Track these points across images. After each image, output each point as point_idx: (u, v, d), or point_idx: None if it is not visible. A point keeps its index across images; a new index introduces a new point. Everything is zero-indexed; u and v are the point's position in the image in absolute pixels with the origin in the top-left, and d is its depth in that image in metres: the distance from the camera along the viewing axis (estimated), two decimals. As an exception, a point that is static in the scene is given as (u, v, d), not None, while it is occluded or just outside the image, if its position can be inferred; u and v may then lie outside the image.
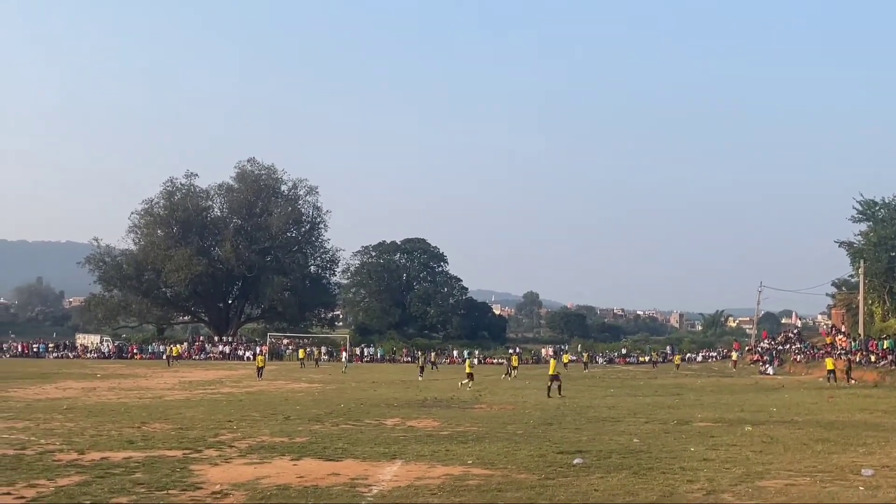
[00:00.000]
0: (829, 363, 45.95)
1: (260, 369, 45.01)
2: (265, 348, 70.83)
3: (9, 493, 11.61)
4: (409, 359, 68.37)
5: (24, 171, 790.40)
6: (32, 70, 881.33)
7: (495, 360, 77.59)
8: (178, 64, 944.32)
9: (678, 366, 63.30)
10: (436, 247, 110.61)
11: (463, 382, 38.80)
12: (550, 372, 33.70)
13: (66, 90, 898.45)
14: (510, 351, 78.72)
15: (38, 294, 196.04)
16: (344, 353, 61.43)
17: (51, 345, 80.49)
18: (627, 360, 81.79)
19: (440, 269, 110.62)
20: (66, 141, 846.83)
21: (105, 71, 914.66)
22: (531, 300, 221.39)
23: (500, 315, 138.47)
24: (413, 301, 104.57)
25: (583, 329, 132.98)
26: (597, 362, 79.66)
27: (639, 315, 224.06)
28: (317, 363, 60.74)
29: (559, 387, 33.03)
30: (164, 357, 66.45)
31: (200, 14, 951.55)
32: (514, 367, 53.58)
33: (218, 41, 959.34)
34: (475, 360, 52.15)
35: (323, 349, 75.80)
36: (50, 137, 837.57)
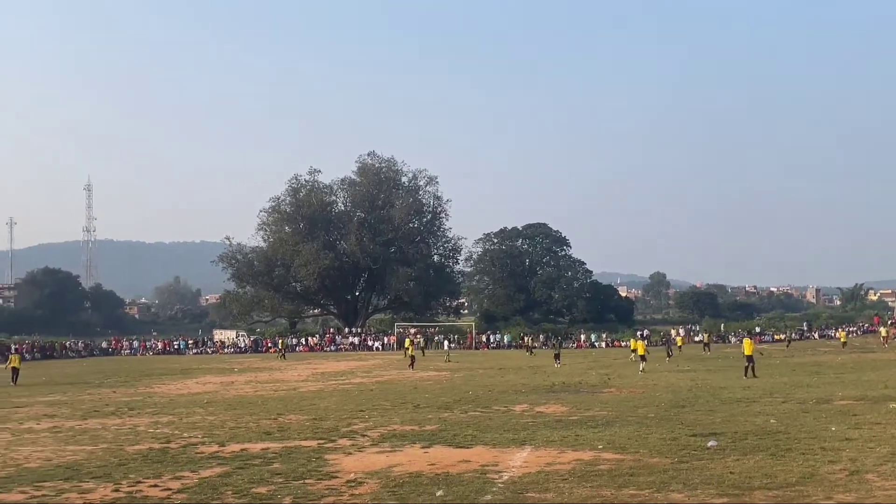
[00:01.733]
0: None
1: (412, 358, 44.22)
2: (419, 336, 71.62)
3: (156, 486, 12.17)
4: (536, 346, 67.81)
5: (160, 175, 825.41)
6: (174, 75, 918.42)
7: (623, 343, 76.49)
8: (299, 63, 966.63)
9: (844, 343, 60.52)
10: (558, 231, 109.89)
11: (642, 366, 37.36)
12: (746, 353, 32.30)
13: (203, 95, 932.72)
14: (638, 333, 77.50)
15: (177, 293, 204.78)
16: (446, 342, 61.37)
17: (190, 341, 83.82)
18: (762, 338, 79.24)
19: (563, 252, 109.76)
20: (196, 145, 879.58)
21: (235, 75, 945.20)
22: (658, 281, 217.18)
23: (626, 297, 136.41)
24: (537, 286, 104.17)
25: (714, 308, 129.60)
26: (729, 342, 77.56)
27: (772, 292, 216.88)
28: (423, 352, 60.50)
29: (752, 368, 31.53)
30: (277, 350, 67.84)
31: (317, 15, 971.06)
32: (679, 347, 54.26)
33: (336, 38, 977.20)
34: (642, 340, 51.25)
35: (421, 338, 76.29)
36: (181, 142, 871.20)
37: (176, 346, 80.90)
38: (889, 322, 78.60)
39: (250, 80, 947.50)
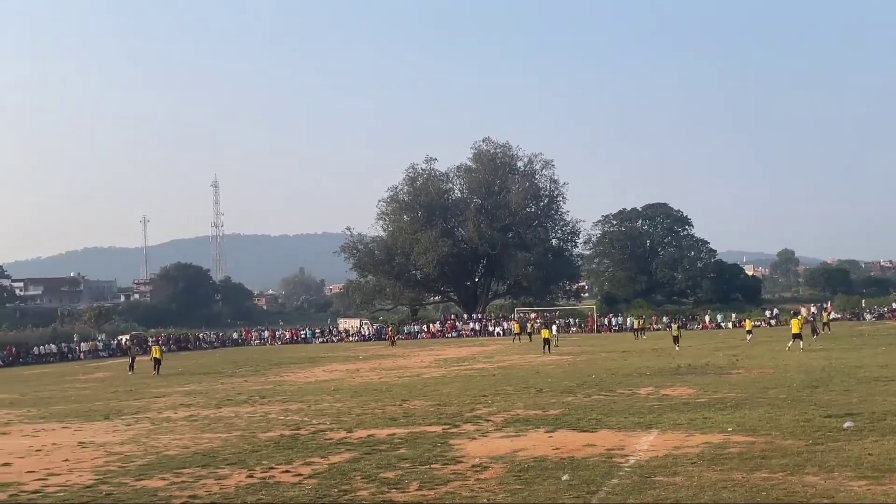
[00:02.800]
0: None
1: (546, 341, 44.41)
2: (538, 320, 71.65)
3: (288, 471, 12.54)
4: (646, 328, 66.08)
5: (282, 171, 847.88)
6: (292, 72, 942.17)
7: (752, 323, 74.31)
8: (408, 59, 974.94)
9: None
10: (679, 210, 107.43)
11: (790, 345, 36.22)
12: (794, 331, 31.98)
13: (306, 90, 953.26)
14: (766, 313, 75.22)
15: (302, 283, 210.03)
16: (554, 327, 60.62)
17: (316, 330, 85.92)
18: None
19: (685, 232, 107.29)
20: (313, 138, 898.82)
21: (350, 70, 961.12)
22: (786, 258, 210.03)
23: (752, 276, 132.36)
24: (659, 267, 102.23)
25: (846, 284, 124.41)
26: (864, 318, 74.39)
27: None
28: (530, 337, 59.77)
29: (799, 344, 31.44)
30: (386, 337, 68.78)
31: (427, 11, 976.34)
32: (825, 324, 52.12)
33: (452, 30, 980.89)
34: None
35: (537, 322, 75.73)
36: (297, 136, 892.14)
37: (303, 336, 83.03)
38: None
39: (365, 74, 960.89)
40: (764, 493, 9.36)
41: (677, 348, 40.94)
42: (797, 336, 36.14)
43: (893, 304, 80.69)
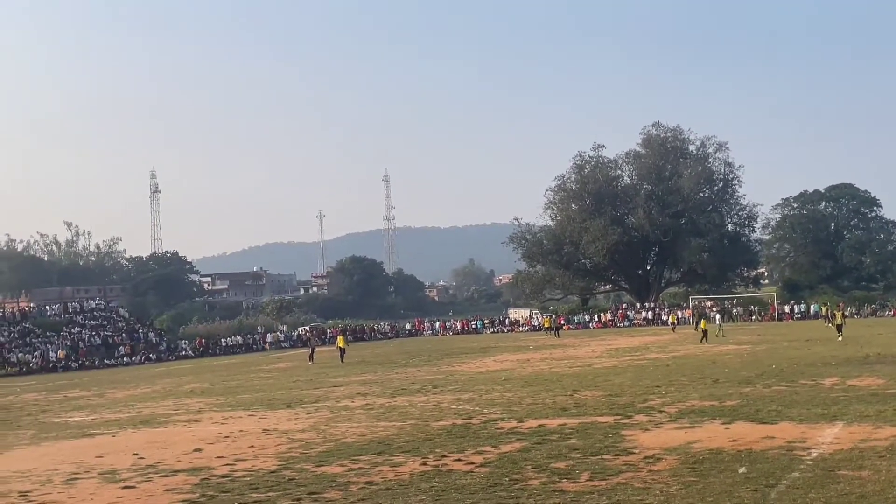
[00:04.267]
0: None
1: (704, 332, 43.46)
2: (688, 311, 70.02)
3: (460, 459, 12.75)
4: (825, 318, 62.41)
5: (450, 163, 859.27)
6: (452, 64, 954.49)
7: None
8: (575, 44, 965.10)
9: None
10: (866, 191, 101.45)
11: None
12: None
13: (483, 83, 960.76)
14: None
15: (472, 274, 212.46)
16: (717, 315, 57.98)
17: (486, 320, 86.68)
18: None
19: (874, 214, 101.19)
20: (481, 132, 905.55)
21: (514, 57, 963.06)
22: None
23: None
24: (845, 252, 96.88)
25: None
26: None
27: None
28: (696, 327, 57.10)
29: None
30: (550, 329, 68.07)
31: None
32: None
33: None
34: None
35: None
36: (464, 131, 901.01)
37: (473, 326, 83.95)
38: None
39: (529, 62, 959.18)
40: (963, 491, 8.77)
41: (840, 338, 38.33)
42: None
43: None
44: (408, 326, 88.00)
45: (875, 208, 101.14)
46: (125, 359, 60.58)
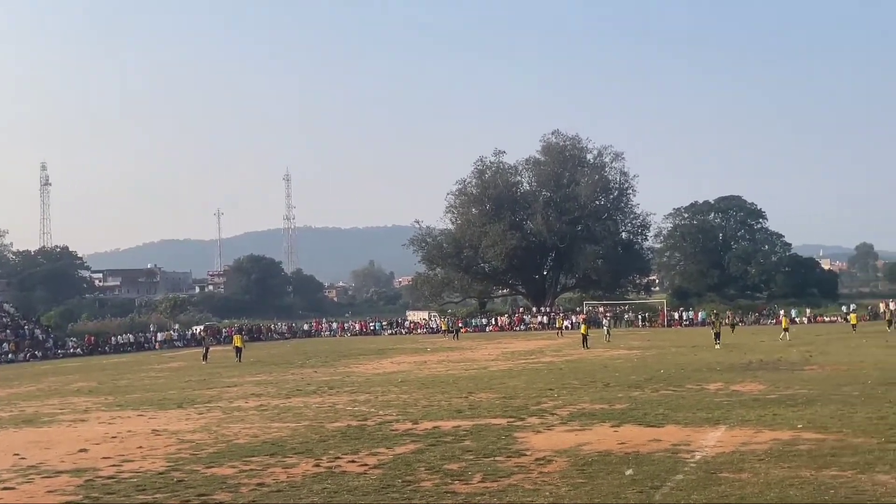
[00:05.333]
0: None
1: (584, 337, 44.64)
2: (582, 317, 71.30)
3: (354, 461, 12.72)
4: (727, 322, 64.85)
5: (354, 164, 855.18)
6: (363, 68, 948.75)
7: (826, 318, 72.78)
8: (483, 53, 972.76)
9: None
10: (753, 203, 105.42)
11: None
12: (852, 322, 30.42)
13: (376, 85, 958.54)
14: (843, 309, 73.44)
15: (372, 276, 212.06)
16: (605, 321, 59.59)
17: (385, 322, 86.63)
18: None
19: (759, 226, 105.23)
20: (384, 134, 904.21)
21: (418, 65, 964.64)
22: (865, 252, 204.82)
23: (829, 270, 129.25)
24: (732, 261, 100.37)
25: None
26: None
27: None
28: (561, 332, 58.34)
29: None
30: (448, 332, 68.97)
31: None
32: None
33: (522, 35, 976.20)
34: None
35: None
36: (369, 132, 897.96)
37: (372, 328, 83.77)
38: None
39: (434, 65, 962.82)
40: (832, 492, 9.21)
41: (717, 345, 39.05)
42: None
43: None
44: (305, 327, 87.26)
45: (761, 220, 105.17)
46: (9, 356, 58.20)
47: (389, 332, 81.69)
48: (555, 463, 11.86)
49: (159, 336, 73.45)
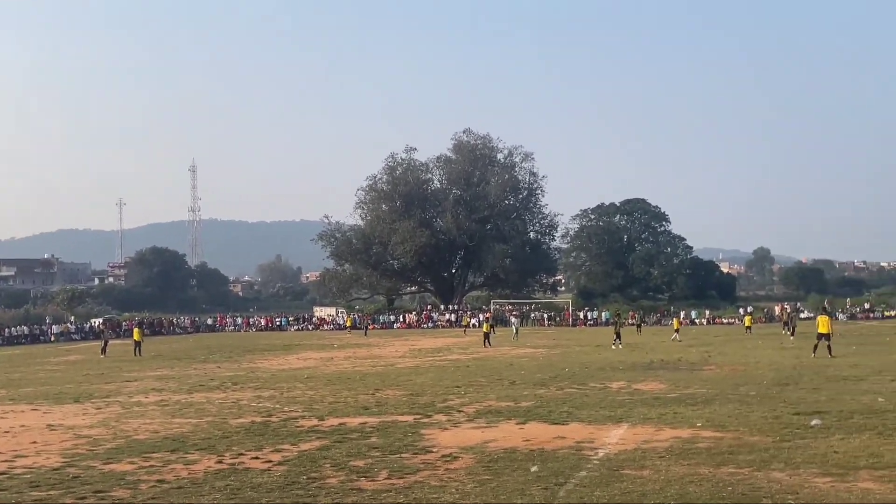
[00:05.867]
0: None
1: (486, 335, 45.27)
2: (489, 315, 71.90)
3: (258, 458, 12.51)
4: (632, 322, 66.56)
5: (258, 156, 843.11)
6: (271, 57, 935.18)
7: (725, 320, 75.04)
8: (392, 46, 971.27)
9: None
10: (657, 206, 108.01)
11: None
12: (821, 330, 30.62)
13: (287, 77, 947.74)
14: (740, 310, 75.79)
15: (278, 271, 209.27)
16: (513, 319, 60.49)
17: (291, 318, 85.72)
18: (871, 314, 76.59)
19: (662, 228, 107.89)
20: (293, 125, 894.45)
21: (329, 55, 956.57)
22: (762, 256, 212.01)
23: (728, 273, 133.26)
24: (635, 263, 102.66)
25: (820, 284, 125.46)
26: (836, 318, 75.08)
27: (883, 267, 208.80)
28: (493, 330, 58.40)
29: (828, 347, 29.77)
30: (356, 328, 69.24)
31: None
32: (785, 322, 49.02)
33: (433, 12, 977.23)
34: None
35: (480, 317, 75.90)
36: (277, 122, 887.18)
37: (278, 323, 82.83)
38: None
39: (343, 60, 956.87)
40: (730, 488, 9.44)
41: (615, 346, 39.27)
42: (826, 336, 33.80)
43: (866, 305, 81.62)
44: (209, 321, 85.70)
45: (664, 223, 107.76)
46: None
47: (296, 327, 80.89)
48: (461, 460, 11.89)
49: (55, 328, 71.22)
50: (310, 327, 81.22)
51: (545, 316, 79.21)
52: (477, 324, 68.49)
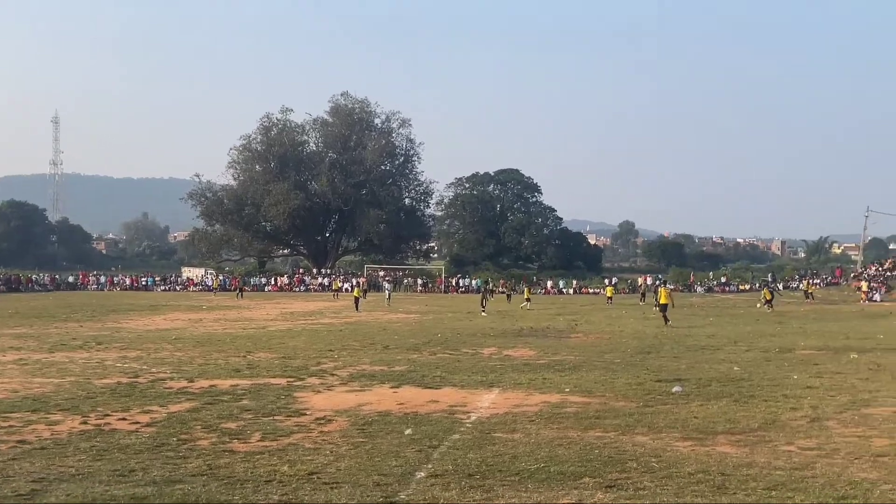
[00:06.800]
0: None
1: (357, 300, 45.38)
2: (363, 280, 71.91)
3: (124, 419, 12.17)
4: (503, 290, 67.93)
5: (127, 110, 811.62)
6: (144, 7, 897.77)
7: (591, 290, 77.29)
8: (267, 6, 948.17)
9: (811, 294, 60.27)
10: (529, 177, 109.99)
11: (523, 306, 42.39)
12: (661, 301, 33.16)
13: (160, 26, 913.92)
14: (605, 281, 78.20)
15: (144, 229, 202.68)
16: (386, 285, 61.02)
17: (157, 278, 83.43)
18: (727, 288, 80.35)
19: (534, 199, 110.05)
20: (166, 79, 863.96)
21: (198, 5, 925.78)
22: (627, 230, 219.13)
23: (595, 245, 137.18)
24: (507, 232, 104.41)
25: (680, 258, 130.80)
26: (695, 291, 78.48)
27: (739, 243, 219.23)
28: (364, 295, 58.30)
29: (665, 317, 32.45)
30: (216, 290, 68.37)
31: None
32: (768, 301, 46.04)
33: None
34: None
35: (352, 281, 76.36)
36: (149, 75, 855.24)
37: (144, 283, 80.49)
38: (852, 276, 79.86)
39: (224, 15, 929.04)
40: (597, 451, 9.76)
41: (483, 313, 40.43)
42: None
43: (722, 279, 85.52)
44: (71, 279, 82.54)
45: (536, 194, 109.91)
46: None
47: (163, 288, 78.83)
48: (335, 422, 11.88)
49: None
50: (177, 288, 79.32)
51: (418, 282, 79.71)
52: (350, 288, 68.37)
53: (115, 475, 8.75)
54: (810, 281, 72.17)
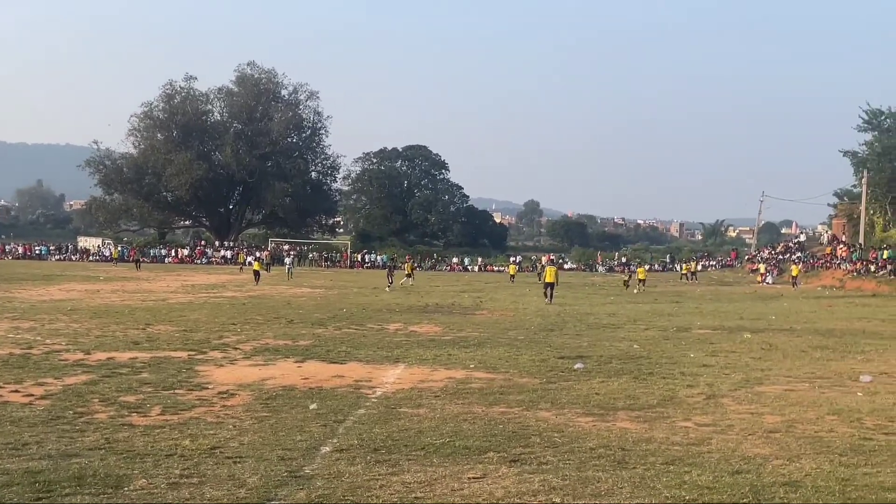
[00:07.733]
0: (794, 270, 54.40)
1: (257, 273, 45.01)
2: (266, 254, 70.90)
3: (17, 391, 11.75)
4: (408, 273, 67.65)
5: (22, 72, 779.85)
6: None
7: (496, 268, 78.03)
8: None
9: (694, 273, 63.63)
10: (437, 154, 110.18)
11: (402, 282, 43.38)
12: (548, 280, 33.92)
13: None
14: (511, 259, 79.01)
15: (39, 197, 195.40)
16: (287, 258, 60.61)
17: (52, 247, 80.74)
18: (627, 268, 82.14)
19: (441, 176, 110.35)
20: (64, 42, 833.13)
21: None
22: (532, 209, 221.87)
23: (500, 223, 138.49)
24: (414, 208, 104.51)
25: (583, 238, 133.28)
26: (596, 270, 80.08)
27: (639, 224, 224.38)
28: (268, 269, 57.42)
29: (551, 294, 33.27)
30: (130, 259, 66.89)
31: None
32: (641, 280, 48.10)
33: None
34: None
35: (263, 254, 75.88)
36: (48, 38, 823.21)
37: (38, 252, 77.80)
38: (746, 259, 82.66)
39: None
40: (501, 426, 9.88)
41: (388, 289, 40.54)
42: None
43: (623, 259, 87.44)
44: (-43, 247, 79.09)
45: (443, 171, 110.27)
46: None
47: (57, 257, 76.39)
48: (238, 396, 11.72)
49: None
50: (73, 258, 76.94)
51: (323, 257, 79.15)
52: (253, 261, 67.44)
53: (7, 448, 8.45)
54: (688, 263, 74.14)
